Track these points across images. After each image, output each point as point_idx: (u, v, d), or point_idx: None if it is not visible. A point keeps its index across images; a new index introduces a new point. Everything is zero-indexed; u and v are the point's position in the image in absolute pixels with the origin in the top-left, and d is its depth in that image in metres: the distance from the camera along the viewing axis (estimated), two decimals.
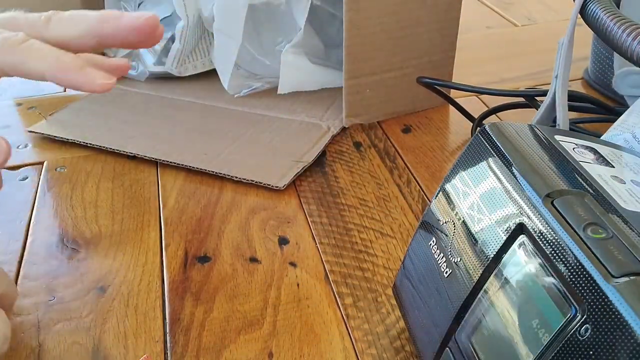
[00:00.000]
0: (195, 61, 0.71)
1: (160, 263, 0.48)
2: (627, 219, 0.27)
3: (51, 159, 0.61)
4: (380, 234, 0.50)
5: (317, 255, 0.48)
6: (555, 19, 0.89)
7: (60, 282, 0.46)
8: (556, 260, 0.26)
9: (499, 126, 0.34)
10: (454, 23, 0.64)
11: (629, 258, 0.25)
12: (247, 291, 0.45)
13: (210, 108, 0.67)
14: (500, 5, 0.95)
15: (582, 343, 0.24)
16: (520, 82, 0.72)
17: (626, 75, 0.58)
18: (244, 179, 0.56)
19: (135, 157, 0.60)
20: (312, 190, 0.55)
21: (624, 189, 0.30)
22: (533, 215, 0.28)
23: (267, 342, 0.41)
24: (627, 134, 0.38)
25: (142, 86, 0.72)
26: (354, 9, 0.58)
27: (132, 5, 0.71)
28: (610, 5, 0.44)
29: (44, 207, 0.54)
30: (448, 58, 0.66)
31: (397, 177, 0.57)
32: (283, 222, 0.51)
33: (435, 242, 0.34)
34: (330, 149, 0.61)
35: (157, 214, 0.53)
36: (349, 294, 0.44)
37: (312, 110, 0.66)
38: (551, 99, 0.49)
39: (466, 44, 0.77)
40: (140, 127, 0.64)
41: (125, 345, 0.41)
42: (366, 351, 0.40)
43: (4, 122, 0.68)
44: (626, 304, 0.23)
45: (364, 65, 0.61)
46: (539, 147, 0.33)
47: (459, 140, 0.62)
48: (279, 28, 0.70)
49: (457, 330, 0.31)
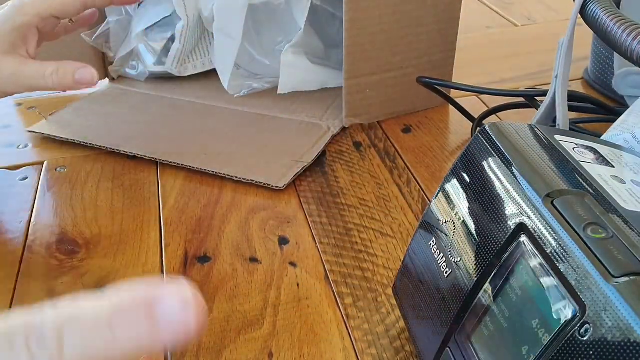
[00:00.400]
0: (195, 61, 0.71)
1: (160, 263, 0.48)
2: (627, 219, 0.27)
3: (51, 159, 0.61)
4: (380, 234, 0.50)
5: (317, 255, 0.48)
6: (555, 19, 0.89)
7: (60, 282, 0.46)
8: (556, 260, 0.26)
9: (499, 126, 0.34)
10: (454, 23, 0.64)
11: (629, 258, 0.25)
12: (247, 291, 0.45)
13: (210, 108, 0.67)
14: (500, 5, 0.95)
15: (582, 343, 0.24)
16: (520, 82, 0.72)
17: (626, 75, 0.58)
18: (244, 179, 0.56)
19: (135, 157, 0.60)
20: (312, 190, 0.55)
21: (624, 189, 0.30)
22: (533, 215, 0.28)
23: (267, 342, 0.41)
24: (627, 134, 0.38)
25: (142, 86, 0.72)
26: (354, 9, 0.58)
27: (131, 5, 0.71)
28: (610, 5, 0.44)
29: (44, 207, 0.54)
30: (448, 58, 0.66)
31: (397, 177, 0.57)
32: (283, 222, 0.51)
33: (435, 242, 0.34)
34: (330, 149, 0.61)
35: (157, 214, 0.53)
36: (349, 294, 0.44)
37: (312, 110, 0.66)
38: (551, 99, 0.49)
39: (466, 44, 0.77)
40: (140, 127, 0.64)
41: None
42: (366, 351, 0.40)
43: (4, 122, 0.68)
44: (626, 304, 0.23)
45: (364, 65, 0.61)
46: (539, 147, 0.33)
47: (459, 140, 0.62)
48: (279, 28, 0.70)
49: (457, 330, 0.31)
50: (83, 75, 0.50)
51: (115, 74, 0.73)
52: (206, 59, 0.71)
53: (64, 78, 0.50)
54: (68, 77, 0.50)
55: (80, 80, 0.50)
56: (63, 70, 0.50)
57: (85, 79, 0.50)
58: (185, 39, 0.67)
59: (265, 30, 0.70)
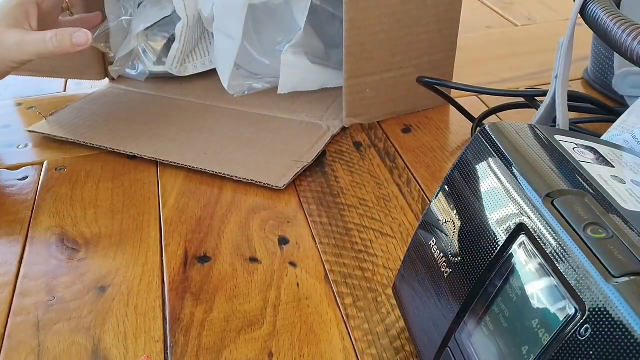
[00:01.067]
0: (195, 61, 0.71)
1: (160, 263, 0.48)
2: (627, 219, 0.27)
3: (51, 159, 0.61)
4: (380, 234, 0.50)
5: (317, 255, 0.48)
6: (555, 19, 0.89)
7: (60, 282, 0.46)
8: (556, 260, 0.26)
9: (499, 126, 0.34)
10: (455, 23, 0.64)
11: (629, 258, 0.25)
12: (247, 291, 0.45)
13: (210, 108, 0.67)
14: (500, 5, 0.95)
15: (582, 343, 0.24)
16: (520, 82, 0.72)
17: (626, 75, 0.58)
18: (244, 178, 0.56)
19: (135, 157, 0.60)
20: (312, 190, 0.55)
21: (624, 188, 0.30)
22: (533, 215, 0.28)
23: (267, 342, 0.41)
24: (626, 134, 0.38)
25: (142, 86, 0.72)
26: (354, 9, 0.58)
27: (131, 5, 0.71)
28: (610, 5, 0.44)
29: (44, 207, 0.54)
30: (448, 58, 0.66)
31: (397, 177, 0.57)
32: (283, 222, 0.51)
33: (435, 242, 0.34)
34: (330, 149, 0.61)
35: (157, 214, 0.53)
36: (349, 294, 0.44)
37: (312, 110, 0.66)
38: (551, 99, 0.49)
39: (466, 44, 0.77)
40: (140, 127, 0.64)
41: (125, 345, 0.41)
42: (366, 351, 0.40)
43: (4, 122, 0.68)
44: (626, 304, 0.23)
45: (364, 65, 0.61)
46: (539, 147, 0.33)
47: (459, 140, 0.62)
48: (279, 28, 0.70)
49: (457, 330, 0.31)
50: (79, 38, 0.56)
51: (115, 74, 0.73)
52: (206, 58, 0.71)
53: (63, 41, 0.55)
54: (66, 40, 0.55)
55: (77, 42, 0.56)
56: (61, 34, 0.55)
57: (81, 40, 0.56)
58: (185, 38, 0.67)
59: (265, 30, 0.70)
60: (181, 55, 0.69)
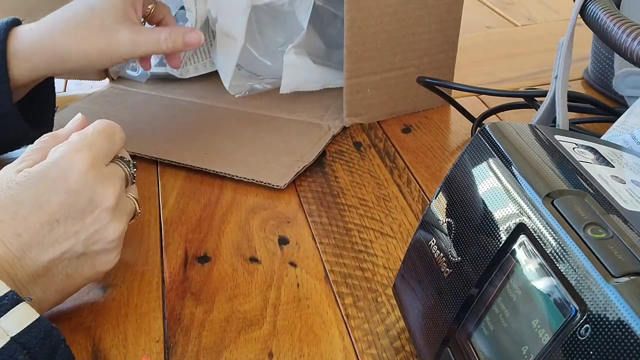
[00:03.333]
0: (196, 63, 0.71)
1: (160, 263, 0.48)
2: (627, 219, 0.27)
3: None
4: (380, 234, 0.50)
5: (317, 255, 0.48)
6: (555, 19, 0.89)
7: None
8: (556, 260, 0.26)
9: (499, 126, 0.34)
10: (455, 23, 0.64)
11: (629, 258, 0.25)
12: (247, 291, 0.45)
13: (210, 108, 0.67)
14: (500, 5, 0.95)
15: (582, 343, 0.24)
16: (520, 82, 0.72)
17: (626, 75, 0.58)
18: (244, 178, 0.56)
19: (135, 157, 0.60)
20: (312, 190, 0.55)
21: (624, 188, 0.30)
22: (533, 215, 0.28)
23: (267, 342, 0.41)
24: (626, 135, 0.38)
25: (143, 86, 0.72)
26: (355, 8, 0.58)
27: None
28: (610, 5, 0.44)
29: None
30: (449, 58, 0.66)
31: (397, 177, 0.57)
32: (283, 222, 0.51)
33: (435, 242, 0.34)
34: (330, 148, 0.61)
35: (157, 213, 0.53)
36: (349, 294, 0.44)
37: (313, 110, 0.66)
38: (551, 99, 0.49)
39: (466, 44, 0.77)
40: (140, 127, 0.64)
41: (125, 345, 0.41)
42: (366, 351, 0.40)
43: None
44: (626, 304, 0.23)
45: (365, 65, 0.61)
46: (539, 147, 0.33)
47: (459, 140, 0.62)
48: (281, 29, 0.69)
49: (457, 330, 0.31)
50: (192, 38, 0.56)
51: (115, 75, 0.73)
52: (207, 61, 0.71)
53: (176, 42, 0.55)
54: (179, 41, 0.55)
55: (189, 42, 0.56)
56: (174, 35, 0.55)
57: (193, 41, 0.56)
58: None
59: (268, 31, 0.70)
60: (183, 57, 0.69)
